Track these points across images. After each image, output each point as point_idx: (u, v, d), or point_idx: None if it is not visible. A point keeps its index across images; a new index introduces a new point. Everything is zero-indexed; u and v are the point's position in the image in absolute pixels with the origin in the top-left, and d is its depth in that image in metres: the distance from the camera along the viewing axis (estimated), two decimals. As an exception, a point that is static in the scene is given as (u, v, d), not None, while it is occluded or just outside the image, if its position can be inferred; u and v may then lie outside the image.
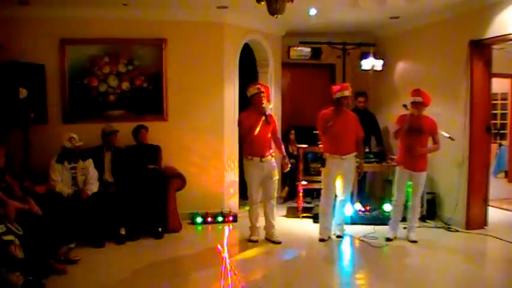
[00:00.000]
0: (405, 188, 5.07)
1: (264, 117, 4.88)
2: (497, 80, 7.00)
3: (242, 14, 6.07)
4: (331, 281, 4.21)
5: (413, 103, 4.88)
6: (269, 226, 5.13)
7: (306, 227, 5.69)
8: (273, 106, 6.59)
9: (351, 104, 5.14)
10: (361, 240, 5.08)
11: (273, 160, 5.09)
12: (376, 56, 6.97)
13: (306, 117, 6.52)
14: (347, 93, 4.96)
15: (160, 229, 5.22)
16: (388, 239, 5.06)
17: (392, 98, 6.81)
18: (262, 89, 5.00)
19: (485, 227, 5.49)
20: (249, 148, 5.04)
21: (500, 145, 8.93)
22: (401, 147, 5.06)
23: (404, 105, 5.00)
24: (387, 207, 5.67)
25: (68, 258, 4.25)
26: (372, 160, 6.10)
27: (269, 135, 5.06)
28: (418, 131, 4.89)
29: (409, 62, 6.69)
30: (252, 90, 5.01)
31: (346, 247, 5.08)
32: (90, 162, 5.10)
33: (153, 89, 5.94)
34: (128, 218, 5.07)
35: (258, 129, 4.85)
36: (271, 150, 5.09)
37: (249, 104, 5.10)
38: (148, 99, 5.94)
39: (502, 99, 9.02)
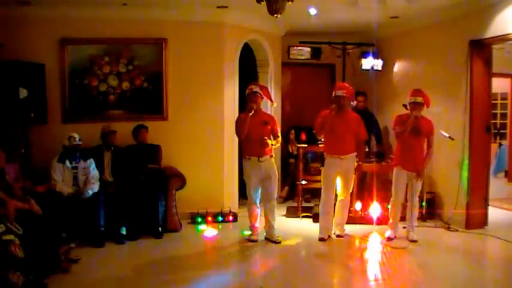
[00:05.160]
0: (404, 187, 5.06)
1: (250, 114, 4.88)
2: (497, 79, 6.99)
3: (242, 14, 6.07)
4: (331, 281, 4.22)
5: (414, 103, 4.85)
6: (269, 226, 5.13)
7: (306, 227, 5.69)
8: (276, 106, 6.59)
9: (347, 103, 5.10)
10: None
11: (271, 160, 5.08)
12: (376, 56, 6.97)
13: (306, 117, 6.52)
14: (339, 93, 4.95)
15: (160, 229, 5.23)
16: (387, 239, 5.07)
17: (392, 98, 6.81)
18: (255, 89, 5.00)
19: (485, 227, 5.49)
20: (247, 148, 5.05)
21: (500, 145, 8.92)
22: (400, 148, 5.05)
23: (405, 105, 5.00)
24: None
25: (68, 257, 4.25)
26: (372, 160, 6.10)
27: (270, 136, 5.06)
28: (417, 132, 4.88)
29: (409, 62, 6.69)
30: (246, 91, 5.04)
31: (346, 247, 5.08)
32: (91, 162, 5.11)
33: (153, 88, 5.94)
34: (128, 218, 5.07)
35: (247, 127, 4.86)
36: (271, 151, 5.08)
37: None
38: (148, 99, 5.94)
39: (502, 99, 9.00)
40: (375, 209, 5.68)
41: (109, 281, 4.02)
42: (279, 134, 5.21)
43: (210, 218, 5.81)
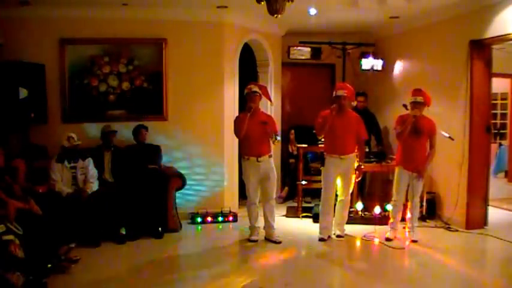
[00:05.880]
0: (405, 188, 5.06)
1: (249, 115, 4.88)
2: (497, 80, 7.00)
3: (242, 14, 6.07)
4: (331, 281, 4.22)
5: (414, 103, 4.85)
6: (268, 226, 5.13)
7: (306, 227, 5.69)
8: (274, 105, 6.60)
9: (348, 103, 5.09)
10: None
11: (270, 160, 5.08)
12: (376, 56, 6.97)
13: (306, 117, 6.52)
14: (340, 92, 4.95)
15: (160, 229, 5.23)
16: (388, 239, 5.06)
17: (392, 98, 6.82)
18: (254, 89, 5.00)
19: (485, 227, 5.49)
20: (245, 148, 5.05)
21: (500, 145, 8.93)
22: (401, 148, 5.05)
23: (404, 105, 5.00)
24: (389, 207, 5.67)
25: (68, 257, 4.25)
26: (372, 160, 6.10)
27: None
28: (418, 132, 4.88)
29: (409, 62, 6.69)
30: (245, 90, 5.04)
31: (346, 247, 5.07)
32: (89, 161, 5.12)
33: (153, 89, 5.93)
34: (128, 218, 5.07)
35: (245, 127, 4.86)
36: (270, 151, 5.08)
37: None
38: (148, 99, 5.94)
39: (502, 99, 9.01)
40: (375, 209, 5.71)
41: (109, 281, 4.01)
42: (278, 134, 5.20)
43: (210, 218, 5.81)
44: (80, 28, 5.69)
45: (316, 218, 5.59)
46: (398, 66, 6.88)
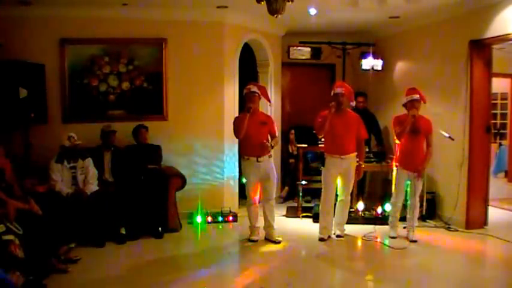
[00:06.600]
0: (404, 187, 5.07)
1: (248, 115, 4.88)
2: (497, 80, 6.99)
3: (242, 13, 6.08)
4: (331, 281, 4.22)
5: (412, 101, 4.86)
6: (268, 226, 5.13)
7: (306, 227, 5.69)
8: (273, 105, 6.59)
9: (346, 101, 5.08)
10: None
11: (270, 160, 5.08)
12: (376, 56, 6.97)
13: (306, 117, 6.52)
14: (338, 90, 4.96)
15: (160, 229, 5.23)
16: (391, 237, 5.07)
17: (392, 98, 6.81)
18: (253, 89, 5.00)
19: (485, 227, 5.49)
20: (245, 148, 5.05)
21: (500, 145, 8.93)
22: (400, 148, 5.05)
23: (405, 105, 5.00)
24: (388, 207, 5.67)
25: (68, 257, 4.25)
26: (372, 160, 6.10)
27: (268, 136, 5.05)
28: (415, 132, 4.89)
29: (409, 62, 6.69)
30: (244, 91, 5.05)
31: (346, 247, 5.07)
32: (89, 161, 5.11)
33: (153, 88, 5.94)
34: (128, 218, 5.07)
35: (245, 127, 4.85)
36: (269, 151, 5.08)
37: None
38: (148, 99, 5.94)
39: (502, 99, 9.01)
40: (378, 209, 5.72)
41: (109, 281, 4.01)
42: (277, 134, 5.20)
43: (210, 218, 5.81)
44: (80, 28, 5.69)
45: (316, 218, 5.59)
46: (399, 66, 6.88)
